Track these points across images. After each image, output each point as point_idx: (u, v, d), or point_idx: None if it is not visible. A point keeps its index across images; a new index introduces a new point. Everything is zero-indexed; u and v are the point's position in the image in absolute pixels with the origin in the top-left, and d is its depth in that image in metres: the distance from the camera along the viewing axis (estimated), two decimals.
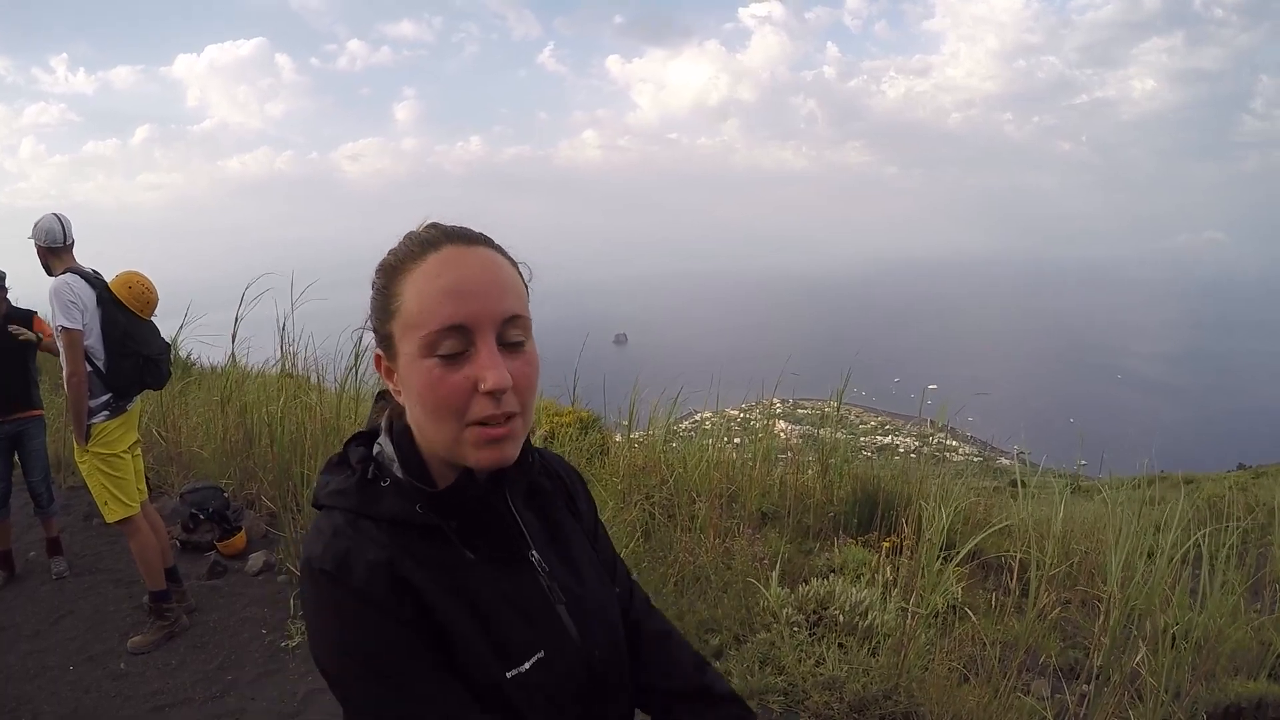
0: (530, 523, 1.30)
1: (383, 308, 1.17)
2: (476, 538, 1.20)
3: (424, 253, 1.15)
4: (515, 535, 1.25)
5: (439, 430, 1.12)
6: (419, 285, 1.12)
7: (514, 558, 1.24)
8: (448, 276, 1.12)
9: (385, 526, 1.14)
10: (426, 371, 1.10)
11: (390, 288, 1.15)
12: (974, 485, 6.63)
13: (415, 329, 1.11)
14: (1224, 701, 3.98)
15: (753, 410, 7.88)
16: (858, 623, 4.27)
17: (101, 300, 4.59)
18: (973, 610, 4.49)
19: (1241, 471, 20.23)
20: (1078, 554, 5.17)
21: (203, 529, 6.19)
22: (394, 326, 1.14)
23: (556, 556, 1.31)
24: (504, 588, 1.20)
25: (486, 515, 1.21)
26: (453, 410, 1.10)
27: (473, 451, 1.12)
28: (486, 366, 1.09)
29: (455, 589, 1.14)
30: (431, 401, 1.11)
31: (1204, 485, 13.45)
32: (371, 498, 1.16)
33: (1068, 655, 4.56)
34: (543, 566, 1.26)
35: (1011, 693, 3.69)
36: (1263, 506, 8.05)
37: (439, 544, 1.16)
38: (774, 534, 5.64)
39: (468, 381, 1.10)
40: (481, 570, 1.18)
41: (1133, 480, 6.21)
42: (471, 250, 1.17)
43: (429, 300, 1.11)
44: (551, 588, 1.25)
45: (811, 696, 3.87)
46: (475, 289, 1.12)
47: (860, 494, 6.06)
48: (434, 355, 1.10)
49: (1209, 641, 3.95)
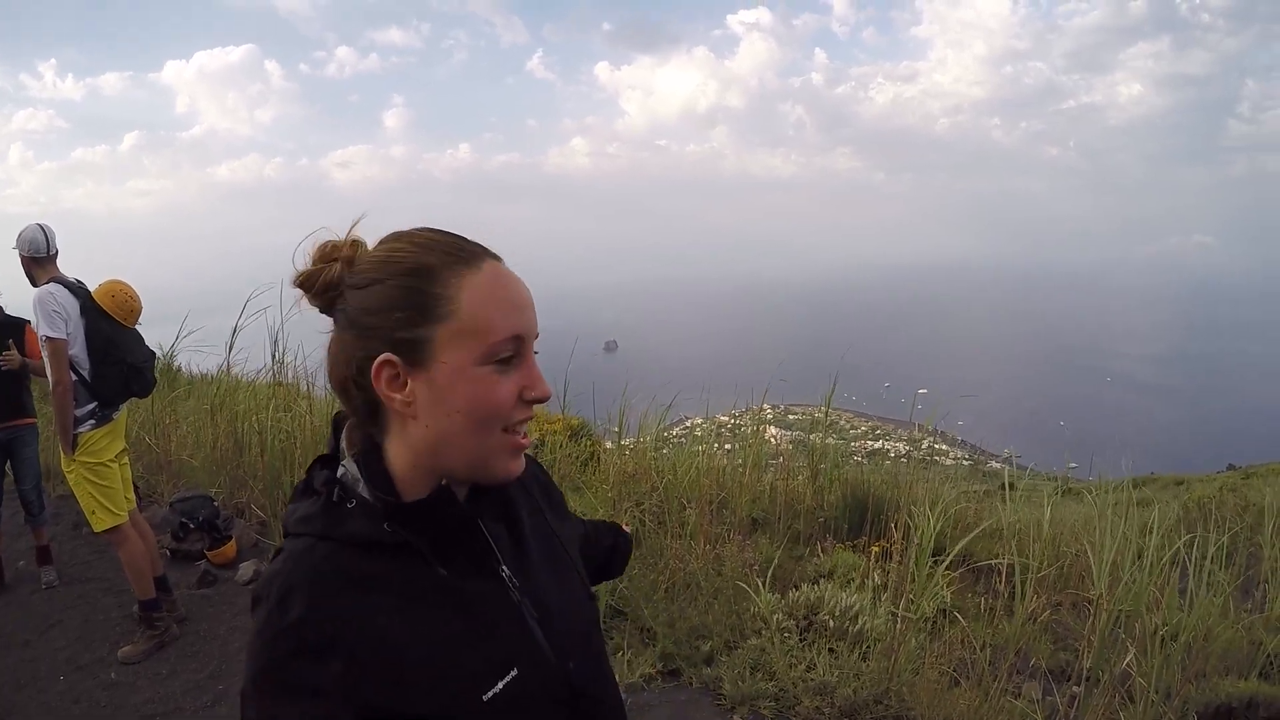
0: (499, 537, 1.28)
1: (422, 309, 1.12)
2: (449, 554, 1.17)
3: (472, 260, 1.14)
4: (486, 550, 1.23)
5: (482, 439, 1.13)
6: (479, 293, 1.12)
7: (486, 573, 1.22)
8: (508, 290, 1.14)
9: (352, 551, 1.11)
10: (483, 379, 1.10)
11: (434, 290, 1.12)
12: (964, 489, 6.64)
13: (477, 335, 1.10)
14: (1215, 701, 3.98)
15: (743, 416, 7.88)
16: (848, 628, 4.27)
17: (85, 309, 4.59)
18: (963, 614, 4.49)
19: (1231, 472, 20.30)
20: (1067, 556, 5.18)
21: (192, 538, 6.16)
22: (439, 331, 1.11)
23: (527, 570, 1.29)
24: (476, 605, 1.18)
25: (460, 530, 1.19)
26: (502, 417, 1.12)
27: (504, 461, 1.15)
28: (538, 376, 1.15)
29: (425, 610, 1.12)
30: (486, 408, 1.11)
31: (1194, 486, 13.50)
32: (337, 520, 1.13)
33: (1058, 657, 4.57)
34: (513, 581, 1.24)
35: (1002, 695, 3.70)
36: (1253, 507, 8.08)
37: (409, 563, 1.14)
38: (765, 540, 5.64)
39: (515, 389, 1.12)
40: (453, 588, 1.16)
41: (1122, 482, 6.23)
42: (507, 267, 1.18)
43: (494, 308, 1.12)
44: (523, 603, 1.23)
45: (802, 702, 3.86)
46: (526, 303, 1.16)
47: (850, 499, 6.06)
48: (492, 363, 1.11)
49: (1198, 642, 3.96)
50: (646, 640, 4.58)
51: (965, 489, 6.58)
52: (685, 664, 4.36)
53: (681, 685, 4.26)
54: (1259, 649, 4.31)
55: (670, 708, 4.09)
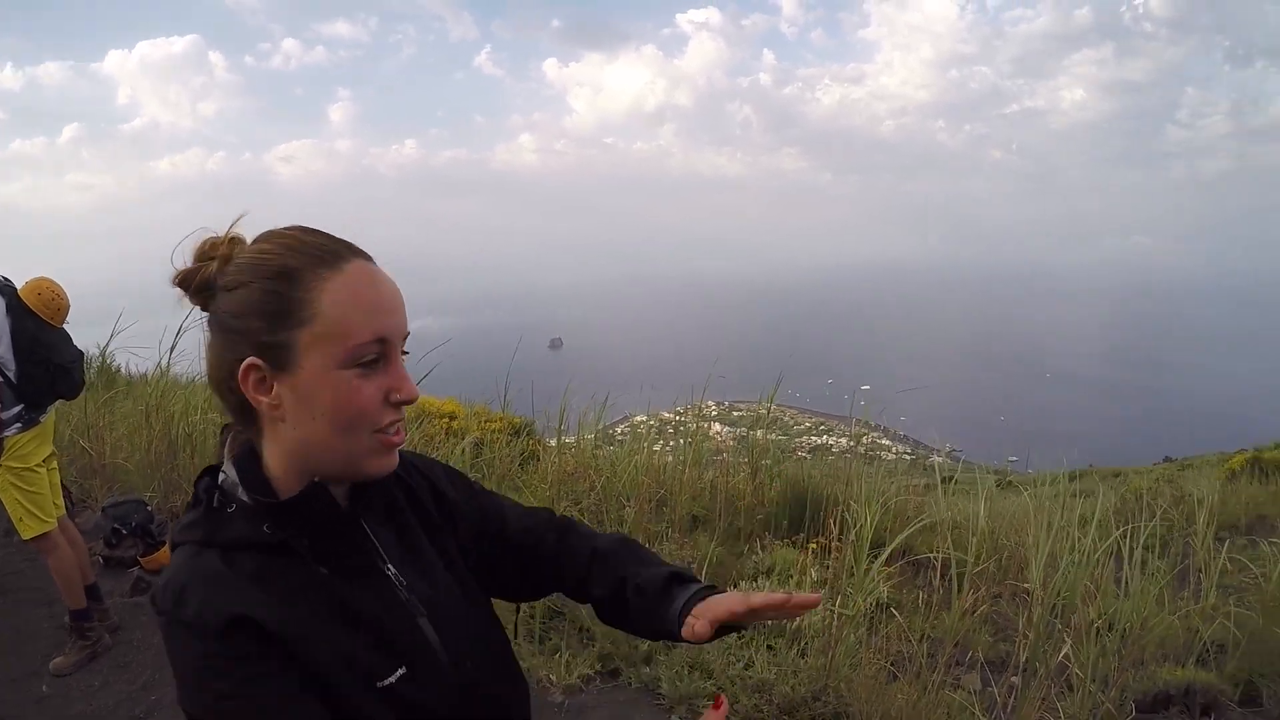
0: (386, 537, 1.27)
1: (282, 313, 1.10)
2: (328, 552, 1.17)
3: (335, 262, 1.12)
4: (369, 548, 1.22)
5: (349, 441, 1.12)
6: (340, 295, 1.10)
7: (369, 571, 1.21)
8: (371, 291, 1.13)
9: (234, 554, 1.11)
10: (345, 382, 1.10)
11: (295, 294, 1.10)
12: (905, 483, 6.65)
13: (337, 339, 1.09)
14: (1153, 689, 4.04)
15: (688, 413, 7.86)
16: (786, 624, 4.24)
17: (10, 308, 4.41)
18: (904, 607, 4.49)
19: (1167, 464, 20.77)
20: (1006, 549, 5.19)
21: (125, 544, 5.98)
22: (301, 335, 1.09)
23: (415, 570, 1.27)
24: (360, 603, 1.17)
25: (337, 526, 1.18)
26: (368, 420, 1.11)
27: (374, 460, 1.14)
28: (404, 379, 1.15)
29: (308, 609, 1.11)
30: (350, 412, 1.10)
31: (1131, 478, 13.73)
32: (217, 526, 1.13)
33: (998, 649, 4.60)
34: (400, 580, 1.22)
35: (940, 688, 3.68)
36: (1188, 498, 8.22)
37: (290, 563, 1.13)
38: (704, 537, 5.60)
39: (380, 391, 1.12)
40: (335, 586, 1.15)
41: (1060, 475, 6.28)
42: (376, 267, 1.17)
43: (355, 311, 1.10)
44: (410, 600, 1.22)
45: (740, 700, 3.83)
46: (391, 305, 1.15)
47: (790, 495, 6.05)
48: (355, 366, 1.10)
49: (1135, 631, 3.98)
50: (585, 640, 4.51)
51: (905, 483, 6.58)
52: (624, 664, 4.30)
53: (620, 685, 4.21)
54: (1195, 637, 4.35)
55: (609, 708, 4.04)
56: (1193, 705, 3.95)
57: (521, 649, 4.33)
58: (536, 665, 4.22)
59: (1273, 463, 11.44)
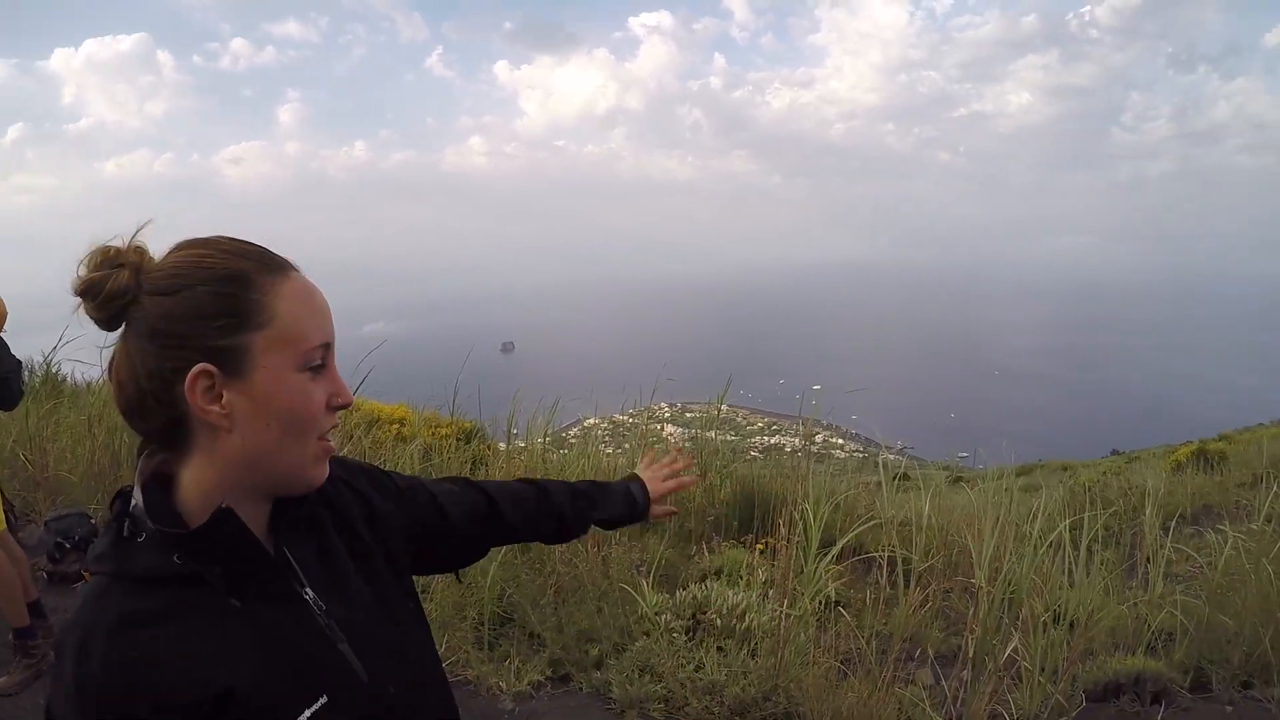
0: (306, 557, 1.22)
1: (240, 316, 1.08)
2: (242, 581, 1.11)
3: (283, 269, 1.13)
4: (284, 573, 1.18)
5: (298, 447, 1.12)
6: (293, 300, 1.11)
7: (286, 597, 1.16)
8: (315, 297, 1.15)
9: (144, 589, 1.06)
10: (300, 386, 1.10)
11: (252, 296, 1.09)
12: (856, 481, 6.66)
13: (293, 343, 1.10)
14: (1103, 679, 4.06)
15: (641, 415, 7.83)
16: (735, 625, 4.21)
17: None
18: (855, 605, 4.47)
19: (1115, 457, 21.15)
20: (956, 544, 5.20)
21: (69, 559, 5.80)
22: (257, 339, 1.08)
23: (335, 590, 1.22)
24: (278, 632, 1.13)
25: (250, 553, 1.12)
26: (317, 425, 1.13)
27: (316, 468, 1.16)
28: (343, 385, 1.16)
29: (220, 642, 1.06)
30: (304, 415, 1.11)
31: (1079, 472, 13.93)
32: (126, 556, 1.08)
33: (950, 643, 4.59)
34: (319, 604, 1.18)
35: (891, 684, 3.66)
36: (1135, 489, 8.32)
37: (203, 595, 1.08)
38: (654, 539, 5.55)
39: (324, 397, 1.13)
40: (251, 617, 1.11)
41: (1007, 470, 6.33)
42: (307, 276, 1.17)
43: (308, 316, 1.12)
44: (330, 626, 1.18)
45: (691, 703, 3.79)
46: (329, 311, 1.17)
47: (740, 495, 6.02)
48: (305, 370, 1.11)
49: (1083, 622, 3.99)
50: (535, 647, 4.46)
51: (855, 480, 6.59)
52: (574, 669, 4.25)
53: (572, 690, 4.16)
54: (1144, 625, 4.38)
55: (560, 714, 3.99)
56: (1143, 694, 3.97)
57: (470, 656, 4.26)
58: (486, 673, 4.16)
59: (1217, 453, 11.66)
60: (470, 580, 4.44)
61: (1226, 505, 7.80)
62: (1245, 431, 16.34)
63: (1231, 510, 7.16)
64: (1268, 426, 16.87)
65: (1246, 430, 16.75)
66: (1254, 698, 4.03)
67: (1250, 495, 7.11)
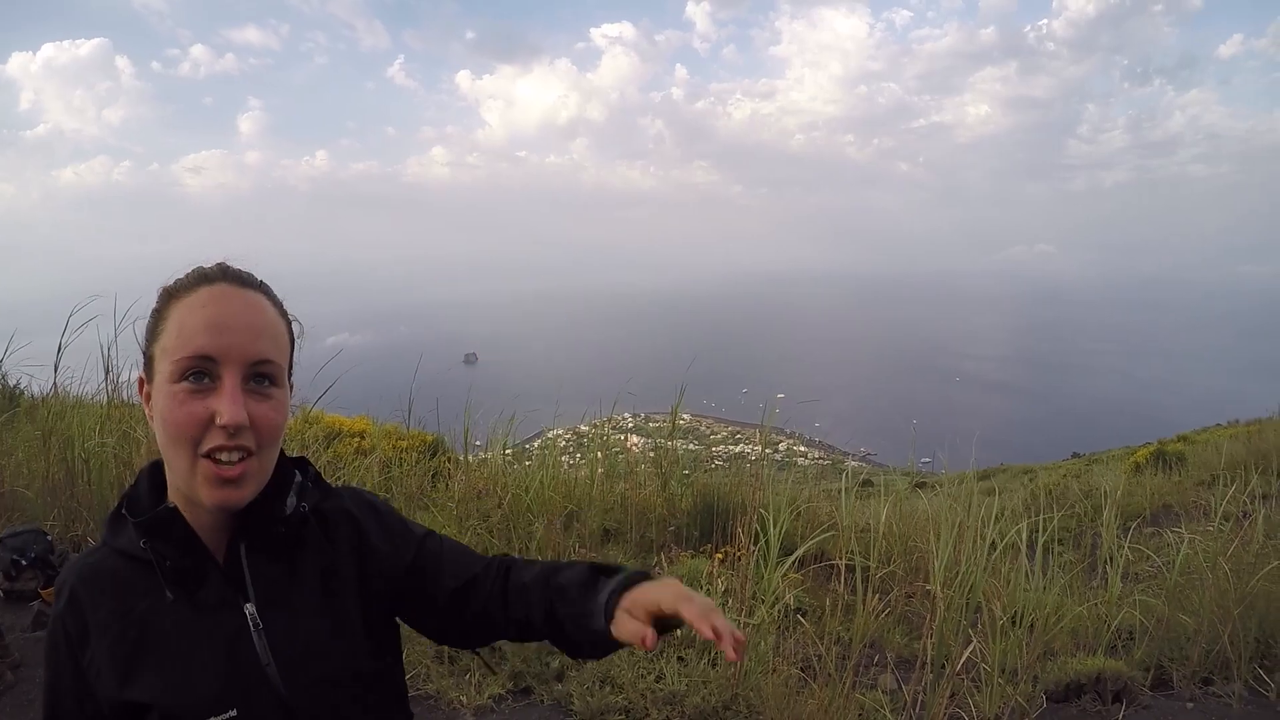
0: (268, 575, 1.26)
1: (151, 329, 1.21)
2: (185, 579, 1.20)
3: (198, 285, 1.20)
4: (231, 584, 1.23)
5: (176, 457, 1.16)
6: (183, 313, 1.17)
7: (219, 607, 1.22)
8: (210, 309, 1.17)
9: (120, 560, 1.22)
10: (172, 395, 1.15)
11: (162, 311, 1.20)
12: (817, 489, 6.63)
13: (170, 353, 1.15)
14: (1064, 679, 4.09)
15: (604, 426, 7.79)
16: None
17: None
18: (816, 612, 4.45)
19: (1075, 460, 21.36)
20: (917, 549, 5.20)
21: (25, 576, 5.67)
22: (156, 349, 1.19)
23: (287, 614, 1.25)
24: (200, 636, 1.19)
25: (191, 554, 1.20)
26: (189, 438, 1.14)
27: (204, 487, 1.16)
28: (225, 400, 1.14)
29: (154, 629, 1.18)
30: (172, 426, 1.14)
31: (1040, 475, 14.03)
32: (115, 530, 1.24)
33: (913, 647, 4.58)
34: (256, 622, 1.22)
35: (853, 690, 3.64)
36: (1095, 491, 8.38)
37: (155, 581, 1.19)
38: (615, 550, 5.50)
39: (206, 412, 1.14)
40: (180, 613, 1.19)
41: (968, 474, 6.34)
42: (242, 292, 1.22)
43: (188, 328, 1.16)
44: (263, 646, 1.21)
45: (652, 713, 3.77)
46: (232, 325, 1.17)
47: (701, 505, 5.99)
48: (182, 381, 1.14)
49: (1042, 623, 4.00)
50: (496, 659, 4.39)
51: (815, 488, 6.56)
52: (535, 681, 4.21)
53: (533, 703, 4.11)
54: (1104, 625, 4.40)
55: None
56: (1104, 693, 3.99)
57: (431, 670, 4.21)
58: (446, 687, 4.11)
59: (1175, 454, 11.79)
60: None
61: (1185, 505, 7.88)
62: (1203, 432, 16.57)
63: (1190, 510, 7.23)
64: (1225, 427, 17.11)
65: (1205, 431, 16.99)
66: (1214, 694, 4.07)
67: (1208, 495, 7.17)
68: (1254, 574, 4.32)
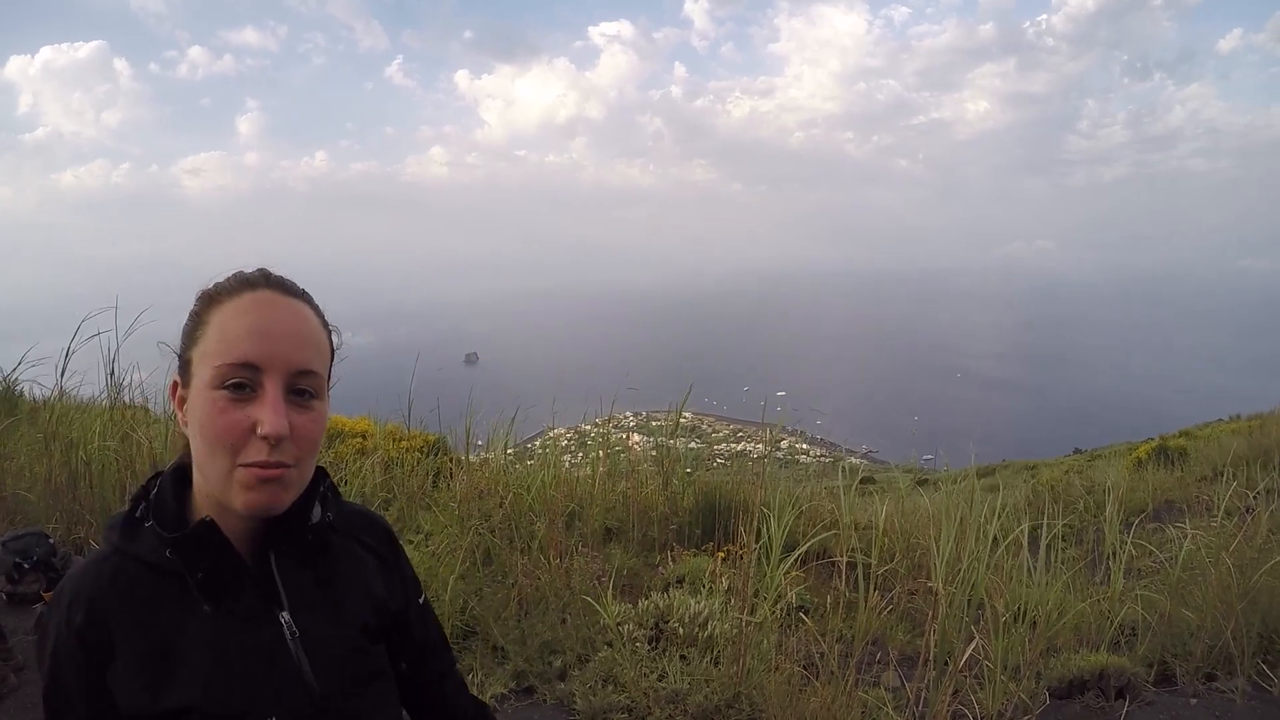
0: (298, 580, 1.26)
1: (190, 334, 1.19)
2: (220, 590, 1.18)
3: (241, 290, 1.18)
4: (264, 592, 1.22)
5: (213, 464, 1.13)
6: (226, 318, 1.15)
7: (259, 616, 1.21)
8: (255, 316, 1.15)
9: (135, 570, 1.17)
10: (212, 402, 1.12)
11: (202, 315, 1.18)
12: (818, 486, 6.63)
13: (211, 358, 1.13)
14: (1067, 675, 4.07)
15: (606, 425, 7.79)
16: (698, 633, 4.17)
17: None
18: (819, 609, 4.44)
19: (1077, 455, 21.36)
20: (919, 546, 5.19)
21: (28, 579, 5.66)
22: (195, 353, 1.16)
23: (316, 618, 1.26)
24: (239, 647, 1.18)
25: (229, 567, 1.18)
26: (228, 446, 1.11)
27: (241, 493, 1.13)
28: (268, 410, 1.12)
29: (186, 642, 1.15)
30: (211, 433, 1.11)
31: (1042, 471, 14.01)
32: (130, 536, 1.19)
33: (916, 644, 4.57)
34: (293, 629, 1.22)
35: (855, 687, 3.63)
36: (1097, 487, 8.36)
37: (183, 592, 1.16)
38: (617, 549, 5.50)
39: (248, 420, 1.12)
40: (217, 626, 1.17)
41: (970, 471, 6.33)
42: (287, 300, 1.21)
43: (231, 334, 1.14)
44: (299, 652, 1.21)
45: (654, 712, 3.75)
46: (277, 333, 1.16)
47: (703, 503, 5.98)
48: (222, 387, 1.12)
49: (1044, 620, 3.99)
50: (499, 659, 4.39)
51: (818, 486, 6.56)
52: (538, 680, 4.20)
53: (536, 703, 4.11)
54: (1107, 621, 4.38)
55: None
56: (1107, 689, 3.98)
57: None
58: None
59: (1177, 449, 11.77)
60: (431, 594, 4.37)
61: (1187, 500, 7.86)
62: (1205, 427, 16.55)
63: (1192, 505, 7.22)
64: (1227, 422, 17.08)
65: (1207, 426, 16.96)
66: (1218, 689, 4.06)
67: (1210, 490, 7.16)
68: (1257, 569, 4.31)
